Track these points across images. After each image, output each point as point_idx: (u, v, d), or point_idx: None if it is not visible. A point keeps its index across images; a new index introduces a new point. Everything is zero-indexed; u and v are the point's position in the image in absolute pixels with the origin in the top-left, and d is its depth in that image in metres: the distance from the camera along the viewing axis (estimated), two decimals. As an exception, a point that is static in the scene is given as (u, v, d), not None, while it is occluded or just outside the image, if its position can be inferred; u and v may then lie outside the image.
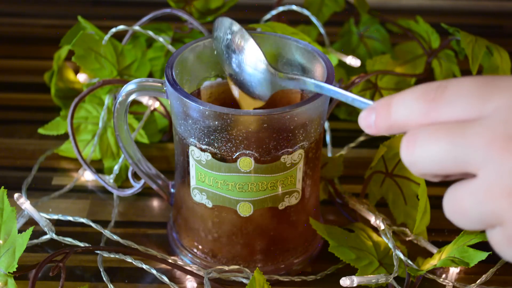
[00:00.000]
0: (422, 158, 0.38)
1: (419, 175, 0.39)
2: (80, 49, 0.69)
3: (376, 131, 0.41)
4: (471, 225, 0.38)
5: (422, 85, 0.39)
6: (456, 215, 0.38)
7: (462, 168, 0.37)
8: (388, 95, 0.41)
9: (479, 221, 0.37)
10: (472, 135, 0.36)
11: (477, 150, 0.36)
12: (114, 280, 0.59)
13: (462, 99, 0.37)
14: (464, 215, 0.37)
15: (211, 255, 0.59)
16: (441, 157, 0.37)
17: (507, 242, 0.37)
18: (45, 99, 0.79)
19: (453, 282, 0.59)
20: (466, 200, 0.37)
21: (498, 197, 0.36)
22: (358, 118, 0.42)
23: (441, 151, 0.37)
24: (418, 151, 0.38)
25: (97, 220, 0.64)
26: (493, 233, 0.37)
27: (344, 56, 0.74)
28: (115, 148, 0.71)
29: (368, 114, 0.41)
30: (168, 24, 0.78)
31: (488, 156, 0.36)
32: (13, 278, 0.54)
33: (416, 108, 0.39)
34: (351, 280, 0.55)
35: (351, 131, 0.75)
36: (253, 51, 0.54)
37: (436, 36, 0.74)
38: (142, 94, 0.57)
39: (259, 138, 0.52)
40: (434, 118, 0.38)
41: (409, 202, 0.63)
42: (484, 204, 0.36)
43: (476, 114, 0.37)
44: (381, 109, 0.41)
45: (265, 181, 0.55)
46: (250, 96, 0.56)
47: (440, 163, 0.37)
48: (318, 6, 0.81)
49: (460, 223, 0.38)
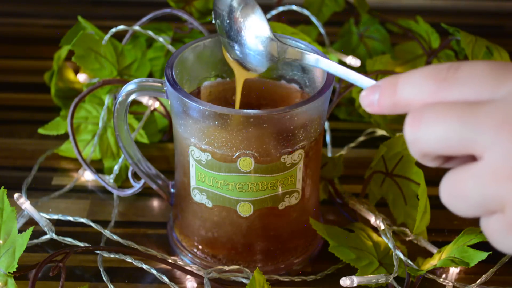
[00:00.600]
0: (428, 135, 0.36)
1: (419, 155, 0.38)
2: (80, 49, 0.69)
3: (379, 109, 0.40)
4: (469, 210, 0.36)
5: (432, 65, 0.38)
6: (455, 199, 0.36)
7: (469, 148, 0.36)
8: (393, 75, 0.40)
9: (479, 205, 0.36)
10: (483, 116, 0.35)
11: (486, 131, 0.35)
12: (114, 280, 0.59)
13: (475, 80, 0.36)
14: (463, 199, 0.36)
15: (211, 255, 0.59)
16: (448, 135, 0.36)
17: (506, 230, 0.36)
18: (45, 99, 0.79)
19: (453, 282, 0.59)
20: (467, 183, 0.36)
21: (504, 179, 0.34)
22: (360, 96, 0.41)
23: (449, 129, 0.36)
24: (424, 128, 0.37)
25: (97, 220, 0.64)
26: (490, 221, 0.36)
27: (344, 56, 0.74)
28: (115, 148, 0.71)
29: (371, 92, 0.40)
30: (168, 24, 0.78)
31: (497, 138, 0.35)
32: (13, 278, 0.54)
33: (425, 86, 0.38)
34: (351, 280, 0.55)
35: (351, 131, 0.75)
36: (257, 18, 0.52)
37: (436, 36, 0.74)
38: (142, 94, 0.57)
39: (259, 138, 0.52)
40: (444, 97, 0.37)
41: (409, 202, 0.63)
42: (487, 187, 0.35)
43: (488, 96, 0.36)
44: (386, 87, 0.39)
45: (265, 181, 0.55)
46: (244, 68, 0.55)
47: (446, 142, 0.36)
48: (318, 6, 0.81)
49: (457, 208, 0.37)
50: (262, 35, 0.52)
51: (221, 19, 0.54)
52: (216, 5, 0.54)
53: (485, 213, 0.36)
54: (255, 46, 0.53)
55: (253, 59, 0.54)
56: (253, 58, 0.53)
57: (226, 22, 0.54)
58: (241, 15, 0.53)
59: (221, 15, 0.54)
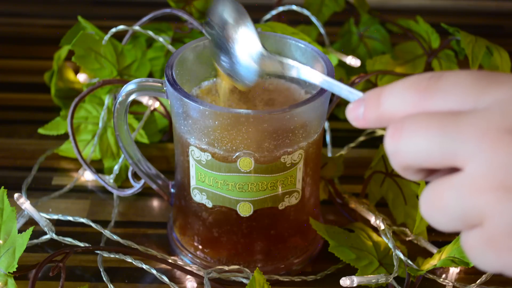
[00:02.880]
0: (408, 148, 0.35)
1: (400, 168, 0.37)
2: (80, 49, 0.69)
3: (365, 123, 0.39)
4: (449, 223, 0.35)
5: (414, 75, 0.37)
6: (434, 212, 0.35)
7: (450, 160, 0.34)
8: (379, 87, 0.39)
9: (458, 218, 0.34)
10: (465, 126, 0.34)
11: (468, 141, 0.34)
12: (114, 280, 0.59)
13: (457, 90, 0.35)
14: (442, 211, 0.35)
15: (211, 255, 0.59)
16: (429, 147, 0.35)
17: (484, 245, 0.34)
18: (45, 99, 0.79)
19: (453, 282, 0.59)
20: (447, 195, 0.34)
21: (484, 190, 0.33)
22: (346, 110, 0.40)
23: (430, 140, 0.35)
24: (405, 139, 0.35)
25: (97, 220, 0.64)
26: (469, 235, 0.35)
27: (344, 56, 0.74)
28: (115, 148, 0.71)
29: (357, 106, 0.39)
30: (168, 24, 0.78)
31: (479, 148, 0.33)
32: (13, 278, 0.54)
33: (407, 97, 0.37)
34: (351, 280, 0.55)
35: (351, 131, 0.75)
36: (246, 31, 0.51)
37: (436, 36, 0.74)
38: (142, 94, 0.57)
39: (259, 138, 0.52)
40: (426, 107, 0.36)
41: (409, 202, 0.63)
42: (467, 199, 0.34)
43: (470, 105, 0.35)
44: (370, 100, 0.39)
45: (265, 181, 0.55)
46: (235, 81, 0.53)
47: (427, 154, 0.35)
48: (318, 6, 0.81)
49: (436, 221, 0.35)
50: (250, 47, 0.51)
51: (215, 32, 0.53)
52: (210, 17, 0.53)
53: (464, 227, 0.35)
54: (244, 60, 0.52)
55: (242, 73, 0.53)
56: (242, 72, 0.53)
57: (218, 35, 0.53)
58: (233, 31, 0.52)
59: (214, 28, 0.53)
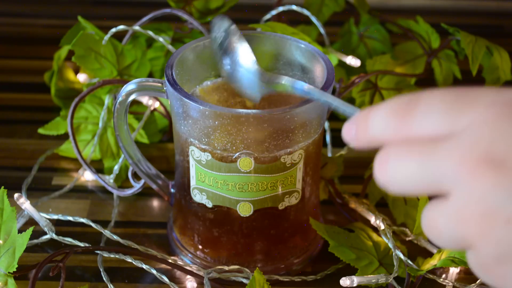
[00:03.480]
0: (395, 179, 0.36)
1: (397, 194, 0.37)
2: (80, 49, 0.69)
3: (359, 144, 0.39)
4: (448, 245, 0.36)
5: (395, 99, 0.37)
6: (432, 234, 0.36)
7: (436, 188, 0.35)
8: (368, 106, 0.39)
9: (454, 242, 0.35)
10: (443, 153, 0.34)
11: (447, 171, 0.34)
12: (114, 280, 0.59)
13: (433, 115, 0.35)
14: (439, 236, 0.36)
15: (211, 255, 0.59)
16: (413, 177, 0.35)
17: (479, 267, 0.35)
18: (45, 99, 0.79)
19: (453, 282, 0.59)
20: (439, 222, 0.35)
21: (468, 221, 0.34)
22: (342, 131, 0.40)
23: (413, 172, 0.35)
24: (391, 171, 0.36)
25: (97, 220, 0.64)
26: (468, 255, 0.35)
27: (344, 56, 0.74)
28: (115, 148, 0.71)
29: (350, 127, 0.39)
30: (168, 24, 0.78)
31: (458, 177, 0.33)
32: (13, 278, 0.54)
33: (389, 123, 0.37)
34: (351, 280, 0.55)
35: (351, 131, 0.75)
36: (244, 51, 0.52)
37: (436, 36, 0.74)
38: (142, 94, 0.57)
39: (259, 138, 0.52)
40: (406, 134, 0.36)
41: (409, 202, 0.63)
42: (455, 228, 0.34)
43: (448, 130, 0.35)
44: (359, 123, 0.38)
45: (265, 181, 0.55)
46: (242, 96, 0.54)
47: (412, 184, 0.35)
48: (318, 6, 0.81)
49: (436, 241, 0.36)
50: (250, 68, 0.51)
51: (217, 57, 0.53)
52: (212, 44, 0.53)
53: (461, 249, 0.36)
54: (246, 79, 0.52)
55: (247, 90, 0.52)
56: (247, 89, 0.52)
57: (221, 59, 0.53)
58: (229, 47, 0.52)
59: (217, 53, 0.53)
